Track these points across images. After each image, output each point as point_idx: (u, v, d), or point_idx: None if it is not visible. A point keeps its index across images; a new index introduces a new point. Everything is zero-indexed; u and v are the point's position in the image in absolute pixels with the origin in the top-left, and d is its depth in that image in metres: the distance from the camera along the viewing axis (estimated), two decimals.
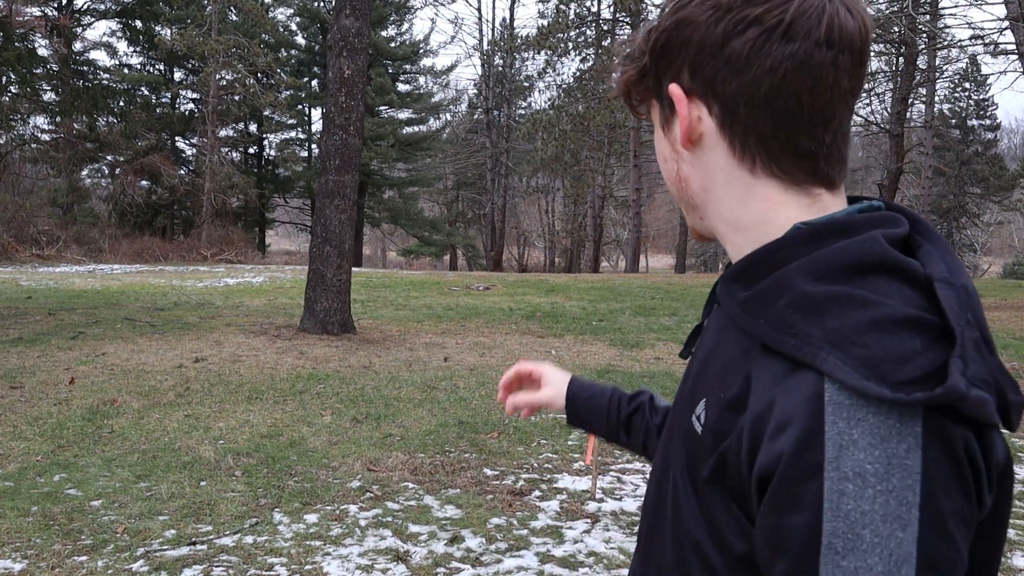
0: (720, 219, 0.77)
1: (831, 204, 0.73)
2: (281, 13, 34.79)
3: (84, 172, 31.06)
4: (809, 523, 0.57)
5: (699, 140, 0.74)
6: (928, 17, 18.28)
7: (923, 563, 0.55)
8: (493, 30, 39.61)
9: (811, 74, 0.68)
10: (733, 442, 0.65)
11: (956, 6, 18.94)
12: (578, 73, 31.05)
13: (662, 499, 0.80)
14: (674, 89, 0.73)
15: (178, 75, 33.00)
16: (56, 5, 26.81)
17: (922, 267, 0.65)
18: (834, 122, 0.71)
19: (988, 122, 37.45)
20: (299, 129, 36.93)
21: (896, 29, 17.36)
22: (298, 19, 35.30)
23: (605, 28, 29.21)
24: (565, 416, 1.22)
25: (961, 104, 37.35)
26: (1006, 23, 14.06)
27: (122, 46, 39.25)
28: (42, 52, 22.86)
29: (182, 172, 31.09)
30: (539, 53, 29.56)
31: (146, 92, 30.97)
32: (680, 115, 0.74)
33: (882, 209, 0.72)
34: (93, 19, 29.18)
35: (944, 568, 0.56)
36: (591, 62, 28.84)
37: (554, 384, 1.21)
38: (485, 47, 37.95)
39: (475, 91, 41.51)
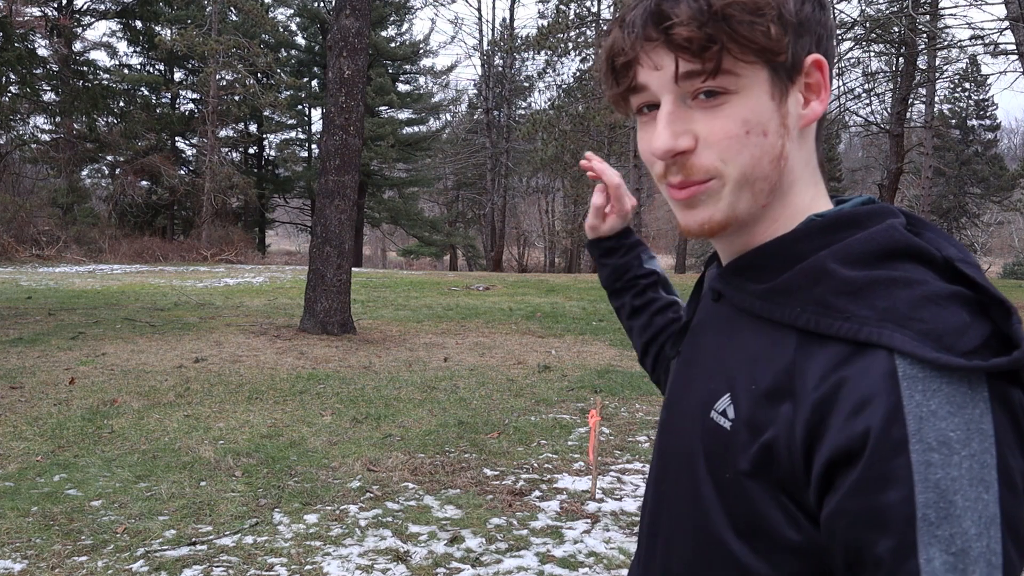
0: (787, 204, 0.74)
1: None
2: (281, 13, 34.80)
3: (84, 172, 31.07)
4: (904, 498, 0.58)
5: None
6: (928, 17, 18.27)
7: (1005, 521, 0.58)
8: (493, 30, 39.60)
9: None
10: (780, 432, 0.65)
11: (956, 6, 18.91)
12: (578, 73, 31.07)
13: (663, 501, 0.79)
14: (823, 62, 0.72)
15: (178, 75, 32.99)
16: (56, 5, 26.81)
17: (938, 251, 0.67)
18: None
19: (988, 122, 37.44)
20: (299, 129, 36.93)
21: (896, 29, 17.37)
22: (298, 19, 35.29)
23: (605, 28, 29.23)
24: (592, 240, 1.23)
25: (961, 104, 37.33)
26: (1006, 23, 14.07)
27: (122, 46, 39.35)
28: (42, 52, 22.88)
29: (182, 172, 31.09)
30: (539, 53, 29.55)
31: (146, 92, 30.97)
32: (825, 88, 0.72)
33: (874, 203, 0.74)
34: (93, 19, 29.19)
35: (1019, 523, 0.59)
36: (591, 62, 28.83)
37: (621, 220, 1.20)
38: (485, 47, 37.93)
39: (475, 91, 41.49)
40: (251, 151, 36.64)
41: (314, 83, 35.63)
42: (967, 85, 36.63)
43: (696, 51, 0.67)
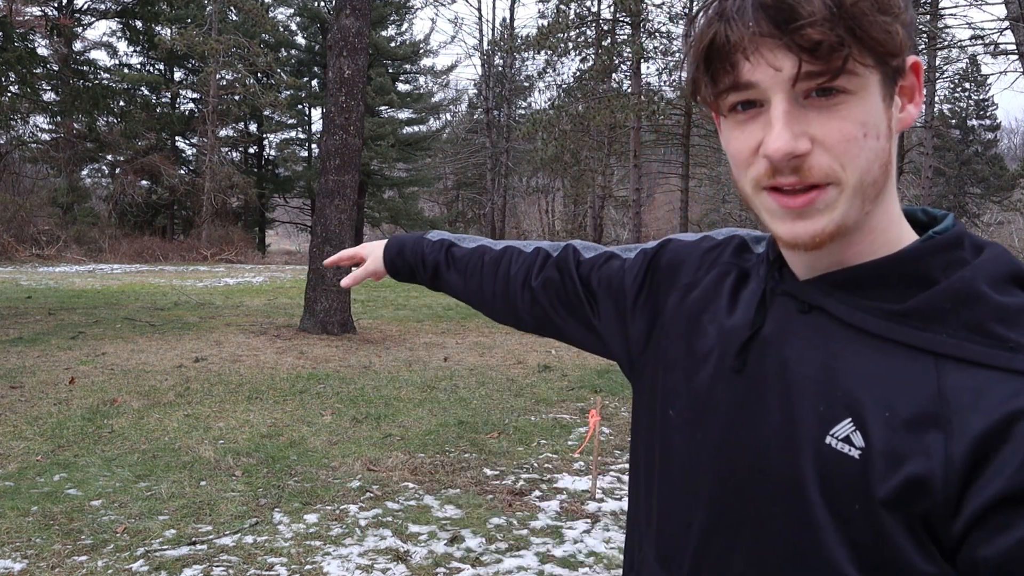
0: (885, 211, 0.71)
1: None
2: (281, 13, 34.81)
3: (84, 172, 31.08)
4: None
5: None
6: (928, 17, 18.28)
7: None
8: (493, 30, 39.59)
9: None
10: (934, 463, 0.61)
11: (956, 6, 18.93)
12: (578, 73, 31.04)
13: (732, 524, 0.74)
14: (920, 65, 0.69)
15: (178, 75, 33.01)
16: (56, 5, 26.82)
17: None
18: None
19: (988, 122, 37.47)
20: (299, 129, 36.95)
21: None
22: (298, 19, 35.30)
23: (605, 28, 29.20)
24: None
25: (961, 104, 37.35)
26: (1006, 23, 14.07)
27: (122, 46, 39.24)
28: (42, 52, 22.84)
29: (182, 172, 31.11)
30: (539, 53, 29.49)
31: (146, 92, 30.96)
32: (920, 92, 0.70)
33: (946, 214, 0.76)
34: (93, 19, 29.20)
35: None
36: (591, 62, 28.81)
37: (373, 255, 1.29)
38: (485, 47, 37.91)
39: (475, 91, 41.49)
40: (251, 151, 36.66)
41: (314, 83, 35.64)
42: (967, 85, 36.66)
43: (823, 54, 0.62)
